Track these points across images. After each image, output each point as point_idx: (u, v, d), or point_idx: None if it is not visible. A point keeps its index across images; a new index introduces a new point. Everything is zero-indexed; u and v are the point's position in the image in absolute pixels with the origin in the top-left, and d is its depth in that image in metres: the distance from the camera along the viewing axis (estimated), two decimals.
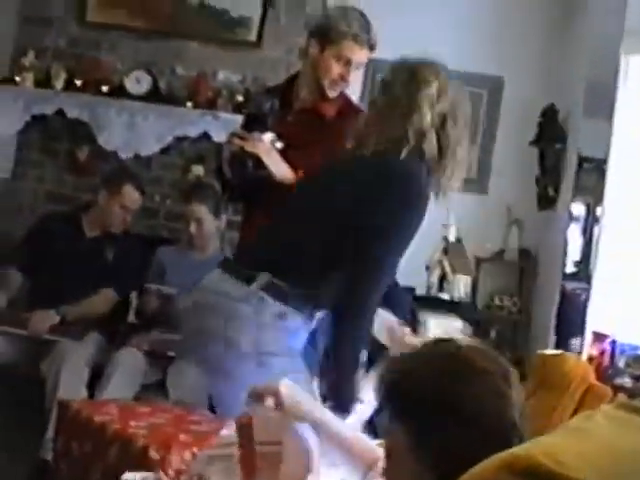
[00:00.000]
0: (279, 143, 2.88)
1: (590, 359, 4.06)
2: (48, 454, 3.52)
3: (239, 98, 5.09)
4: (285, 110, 3.06)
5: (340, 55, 3.00)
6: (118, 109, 5.13)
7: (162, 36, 5.28)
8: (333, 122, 3.07)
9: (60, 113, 5.18)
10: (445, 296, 4.87)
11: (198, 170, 5.15)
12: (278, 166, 2.88)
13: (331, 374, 2.46)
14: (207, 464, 1.89)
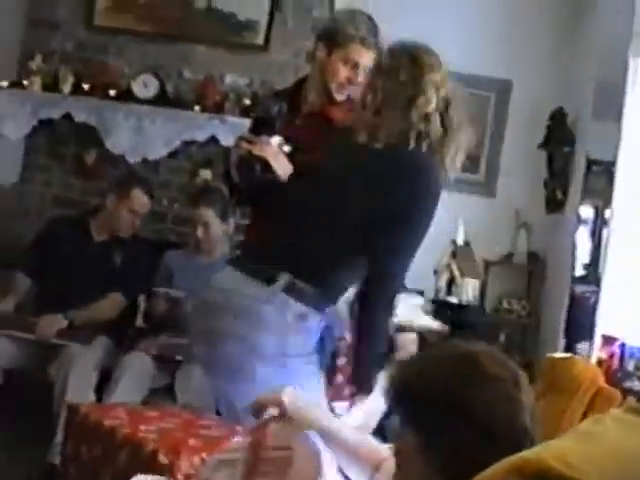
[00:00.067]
0: (287, 147, 2.87)
1: (599, 362, 4.04)
2: (56, 458, 3.53)
3: (247, 102, 5.09)
4: (293, 114, 3.05)
5: (347, 58, 2.99)
6: (125, 113, 5.13)
7: (169, 40, 5.28)
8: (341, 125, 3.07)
9: (68, 117, 5.19)
10: (453, 300, 4.86)
11: (206, 174, 5.15)
12: (286, 170, 2.88)
13: (361, 348, 2.49)
14: (214, 470, 1.89)
